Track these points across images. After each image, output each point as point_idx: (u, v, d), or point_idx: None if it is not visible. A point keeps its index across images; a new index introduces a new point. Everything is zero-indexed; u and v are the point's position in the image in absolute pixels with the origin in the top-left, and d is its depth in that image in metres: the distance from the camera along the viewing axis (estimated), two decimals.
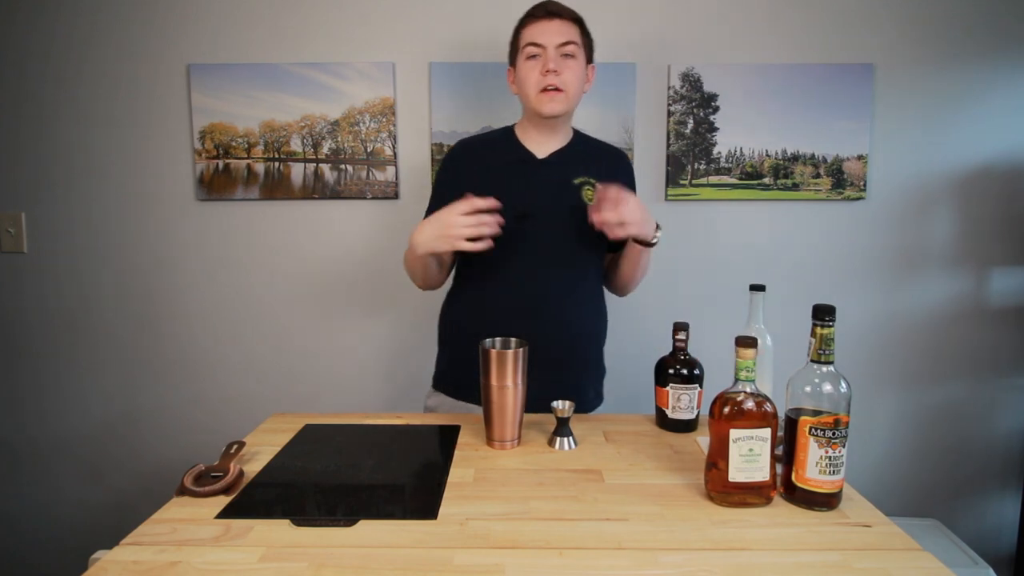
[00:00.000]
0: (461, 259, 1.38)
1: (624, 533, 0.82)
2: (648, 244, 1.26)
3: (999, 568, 1.93)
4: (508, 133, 1.39)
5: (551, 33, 1.26)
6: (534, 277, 1.29)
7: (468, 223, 1.15)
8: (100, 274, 1.88)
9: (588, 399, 1.38)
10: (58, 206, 1.86)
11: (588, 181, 1.33)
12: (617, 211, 1.16)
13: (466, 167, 1.36)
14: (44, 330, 1.90)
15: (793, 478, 0.89)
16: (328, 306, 1.91)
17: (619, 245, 1.34)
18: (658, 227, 1.26)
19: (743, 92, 1.80)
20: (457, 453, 1.09)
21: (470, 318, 1.35)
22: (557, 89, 1.26)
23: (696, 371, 1.17)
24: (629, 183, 1.40)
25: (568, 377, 1.31)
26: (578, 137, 1.40)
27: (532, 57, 1.28)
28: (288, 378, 1.93)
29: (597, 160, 1.37)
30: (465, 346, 1.37)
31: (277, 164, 1.84)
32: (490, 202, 1.17)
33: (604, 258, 1.42)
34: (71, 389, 1.92)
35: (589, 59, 1.34)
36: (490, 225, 1.16)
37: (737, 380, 0.89)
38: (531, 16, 1.29)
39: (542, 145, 1.35)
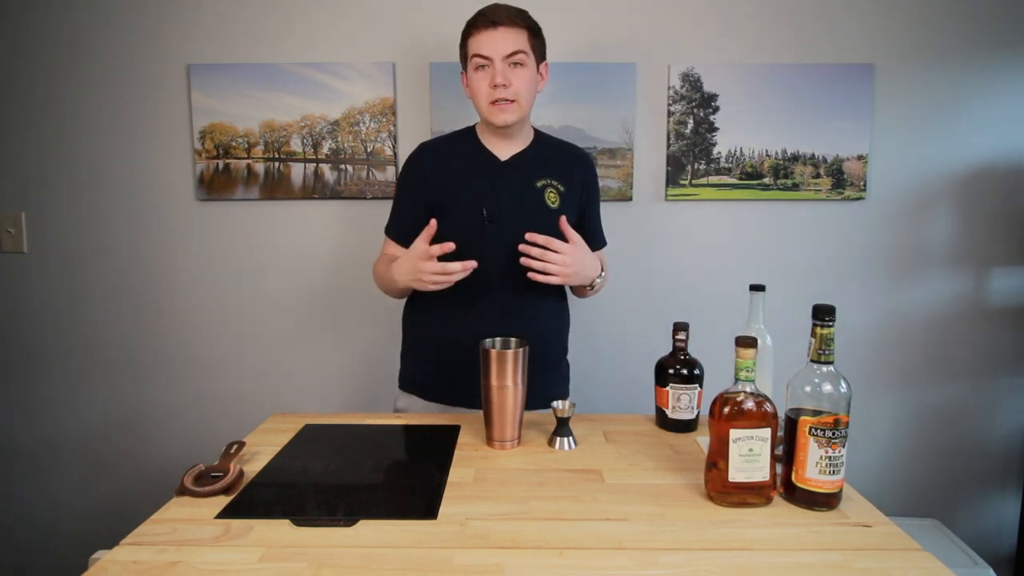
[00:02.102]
0: None
1: (624, 533, 0.83)
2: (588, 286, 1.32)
3: (999, 568, 1.93)
4: (470, 134, 1.38)
5: (497, 44, 1.22)
6: (498, 279, 1.29)
7: (434, 277, 1.15)
8: (100, 274, 1.88)
9: (556, 398, 1.38)
10: (58, 206, 1.86)
11: (551, 183, 1.33)
12: (544, 263, 1.18)
13: (431, 168, 1.35)
14: (44, 330, 1.90)
15: (793, 478, 0.89)
16: (328, 306, 1.90)
17: None
18: (603, 271, 1.32)
19: (743, 92, 1.80)
20: (457, 453, 1.09)
21: (435, 320, 1.36)
22: (508, 100, 1.24)
23: (696, 371, 1.17)
24: (591, 183, 1.41)
25: (532, 376, 1.30)
26: (540, 138, 1.40)
27: (480, 68, 1.25)
28: (288, 378, 1.93)
29: (560, 161, 1.37)
30: (431, 348, 1.38)
31: (277, 164, 1.84)
32: (447, 247, 1.14)
33: None
34: (71, 389, 1.92)
35: (542, 58, 1.32)
36: (455, 272, 1.15)
37: (737, 380, 0.89)
38: (474, 26, 1.25)
39: (503, 147, 1.34)
